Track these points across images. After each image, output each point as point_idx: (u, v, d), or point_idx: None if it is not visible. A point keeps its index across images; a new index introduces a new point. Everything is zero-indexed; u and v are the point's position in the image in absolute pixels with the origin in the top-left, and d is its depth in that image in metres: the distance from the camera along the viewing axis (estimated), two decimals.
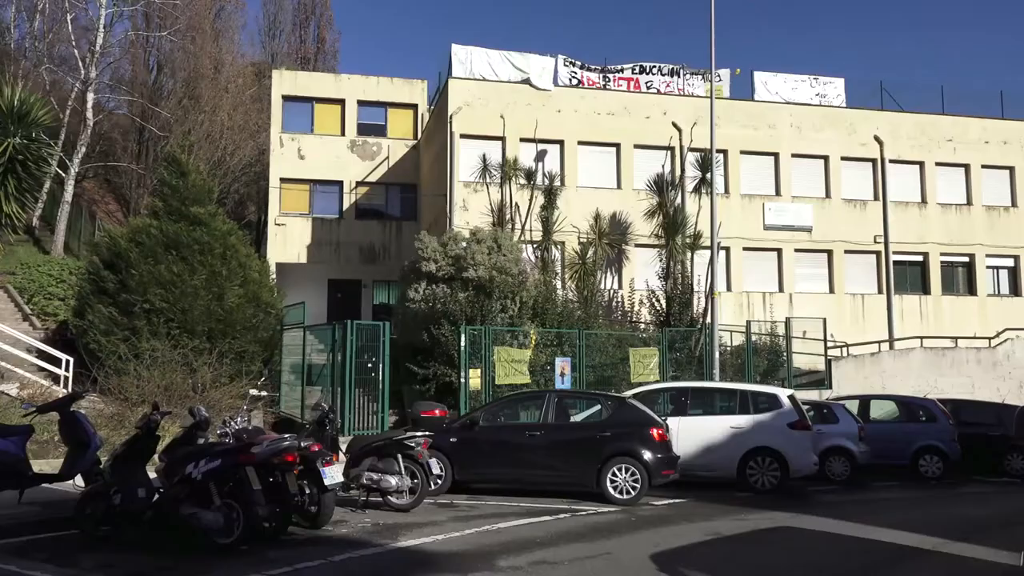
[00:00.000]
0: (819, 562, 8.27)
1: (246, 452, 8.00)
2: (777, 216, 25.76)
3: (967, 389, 22.58)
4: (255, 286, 18.47)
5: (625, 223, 23.85)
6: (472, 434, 12.11)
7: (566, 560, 7.75)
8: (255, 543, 7.87)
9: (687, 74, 26.80)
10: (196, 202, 18.27)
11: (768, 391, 14.22)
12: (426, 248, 18.77)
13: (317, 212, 28.50)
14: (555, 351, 17.65)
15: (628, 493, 11.36)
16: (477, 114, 23.63)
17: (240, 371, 16.95)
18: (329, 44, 45.69)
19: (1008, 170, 28.14)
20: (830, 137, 26.58)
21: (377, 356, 15.38)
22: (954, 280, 27.58)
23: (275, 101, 28.89)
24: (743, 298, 25.01)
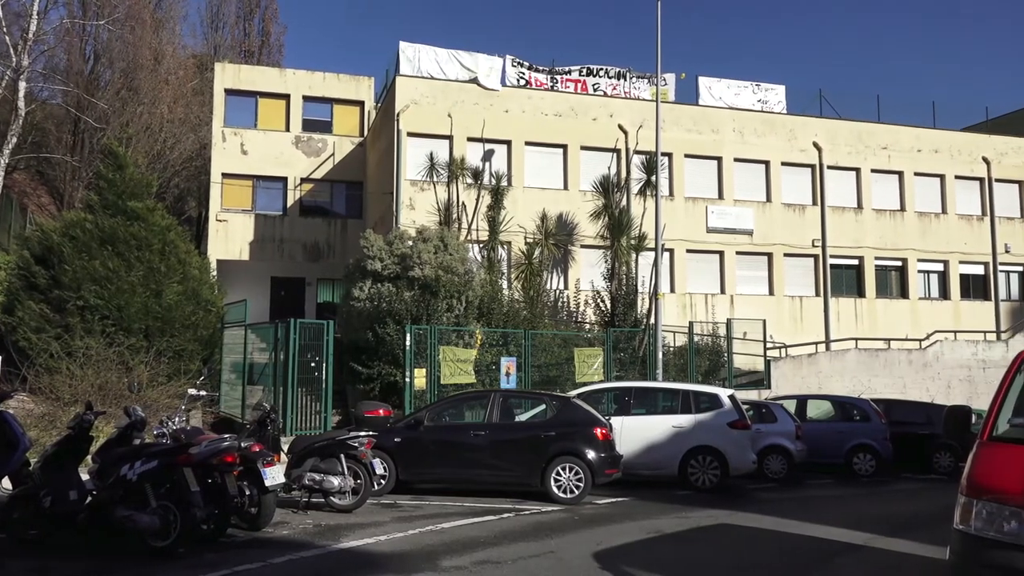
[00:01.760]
0: (758, 559, 8.45)
1: (184, 453, 7.83)
2: (720, 219, 26.25)
3: (899, 389, 23.38)
4: (195, 283, 18.08)
5: (571, 224, 24.02)
6: (416, 434, 12.06)
7: (509, 559, 7.77)
8: (193, 545, 7.70)
9: (633, 77, 27.12)
10: (134, 196, 17.79)
11: (709, 391, 14.48)
12: (372, 246, 18.62)
13: (260, 208, 28.02)
14: (501, 351, 17.69)
15: (572, 492, 11.44)
16: (424, 112, 23.53)
17: (178, 370, 16.56)
18: (274, 38, 44.97)
19: (939, 178, 29.16)
20: (771, 143, 27.18)
21: (321, 355, 15.21)
22: (887, 284, 28.47)
23: (217, 94, 28.31)
24: (686, 299, 25.41)
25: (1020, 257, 29.73)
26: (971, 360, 25.44)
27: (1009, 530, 4.87)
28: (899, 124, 29.10)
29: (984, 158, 29.57)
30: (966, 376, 25.00)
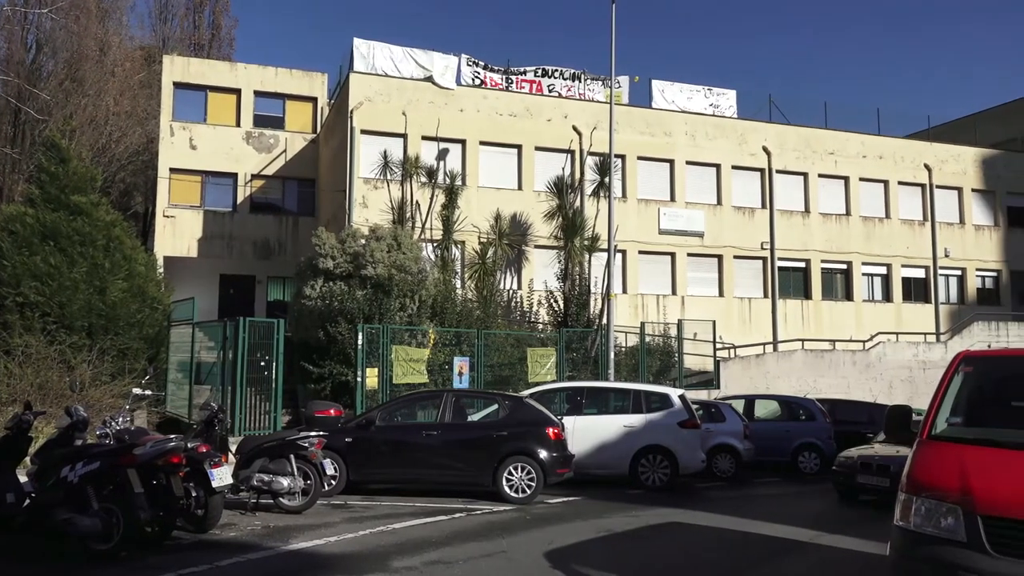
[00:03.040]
0: (707, 556, 8.57)
1: (127, 453, 7.65)
2: (671, 221, 26.57)
3: (843, 389, 23.94)
4: (141, 280, 17.70)
5: (525, 224, 24.08)
6: (368, 434, 11.97)
7: (461, 560, 7.76)
8: (136, 549, 7.53)
9: (588, 79, 27.30)
10: (77, 190, 17.34)
11: (660, 391, 14.63)
12: (324, 244, 18.43)
13: (209, 205, 27.49)
14: (454, 350, 17.65)
15: (524, 492, 11.47)
16: (378, 110, 23.36)
17: (123, 369, 16.19)
18: (225, 31, 44.04)
19: (883, 183, 29.94)
20: (722, 146, 27.60)
21: (271, 354, 15.02)
22: (833, 286, 29.13)
23: (165, 87, 27.72)
24: (638, 300, 25.66)
25: (959, 262, 30.70)
26: (912, 361, 26.17)
27: (946, 526, 5.01)
28: (846, 131, 29.80)
29: (926, 165, 30.46)
30: (907, 376, 25.71)
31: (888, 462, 12.06)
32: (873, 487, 12.24)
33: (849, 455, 13.07)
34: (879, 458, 12.41)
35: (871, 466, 12.32)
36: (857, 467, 12.54)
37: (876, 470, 12.18)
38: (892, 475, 11.50)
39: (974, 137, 33.20)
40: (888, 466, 11.93)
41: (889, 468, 11.81)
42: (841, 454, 13.42)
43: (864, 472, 12.41)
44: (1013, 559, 4.75)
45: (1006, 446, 5.38)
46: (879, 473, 12.10)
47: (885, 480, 11.83)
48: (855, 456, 12.88)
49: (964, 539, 4.91)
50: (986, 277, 31.54)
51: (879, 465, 12.21)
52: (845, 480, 12.79)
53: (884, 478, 11.87)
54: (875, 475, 12.16)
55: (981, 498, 4.95)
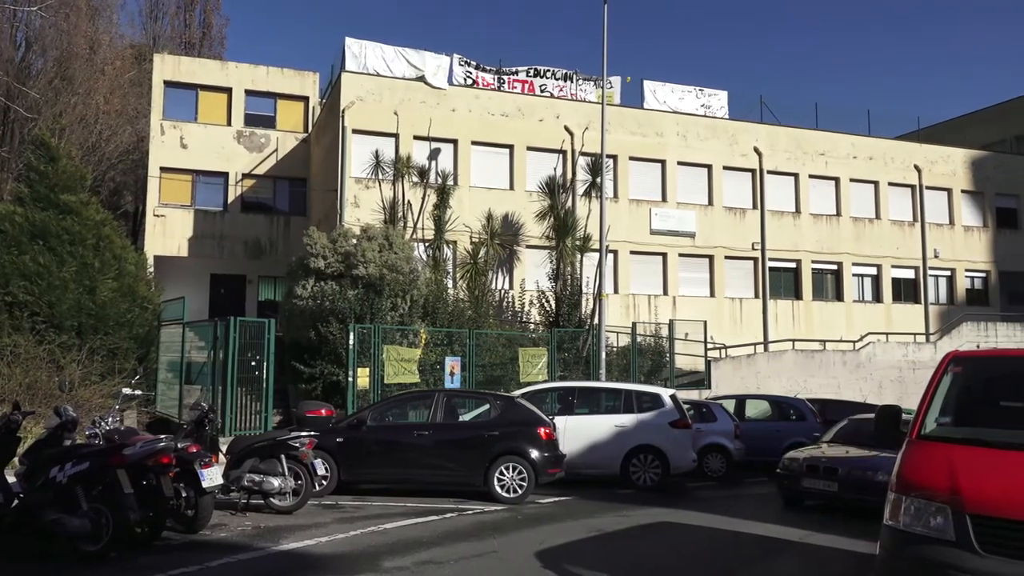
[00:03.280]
0: (698, 556, 8.59)
1: (117, 454, 7.62)
2: (663, 221, 26.62)
3: (833, 389, 24.01)
4: (131, 279, 17.61)
5: (517, 224, 24.08)
6: (359, 434, 11.94)
7: (452, 560, 7.75)
8: (126, 549, 7.49)
9: (580, 79, 27.33)
10: (67, 189, 17.23)
11: (651, 391, 14.65)
12: (315, 244, 18.39)
13: (200, 204, 27.40)
14: (445, 350, 17.63)
15: (515, 492, 11.47)
16: (370, 109, 23.32)
17: (113, 369, 16.10)
18: (216, 30, 43.88)
19: (873, 184, 30.07)
20: (713, 147, 27.67)
21: (261, 354, 14.96)
22: (823, 286, 29.25)
23: (156, 86, 27.61)
24: (629, 300, 25.70)
25: (948, 262, 30.86)
26: (902, 361, 26.28)
27: (935, 525, 5.04)
28: (836, 132, 29.91)
29: (916, 166, 30.60)
30: (897, 376, 25.82)
31: (836, 465, 11.31)
32: (820, 492, 11.40)
33: (794, 457, 12.11)
34: (827, 460, 11.54)
35: (818, 469, 11.43)
36: (803, 470, 11.61)
37: (823, 473, 11.30)
38: (841, 479, 11.03)
39: (964, 138, 33.39)
40: (836, 469, 11.21)
41: (837, 471, 11.15)
42: (785, 456, 12.39)
43: (810, 476, 11.48)
44: (1001, 558, 4.78)
45: (995, 446, 5.42)
46: (826, 476, 11.25)
47: (833, 484, 11.13)
48: (801, 458, 11.91)
49: (953, 538, 4.94)
50: (975, 278, 31.72)
51: (827, 468, 11.33)
52: (790, 484, 11.88)
53: (832, 482, 11.14)
54: (822, 479, 11.28)
55: (970, 497, 4.98)
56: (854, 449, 11.87)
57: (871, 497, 10.01)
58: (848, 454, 11.63)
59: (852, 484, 10.91)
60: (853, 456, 11.53)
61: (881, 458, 10.96)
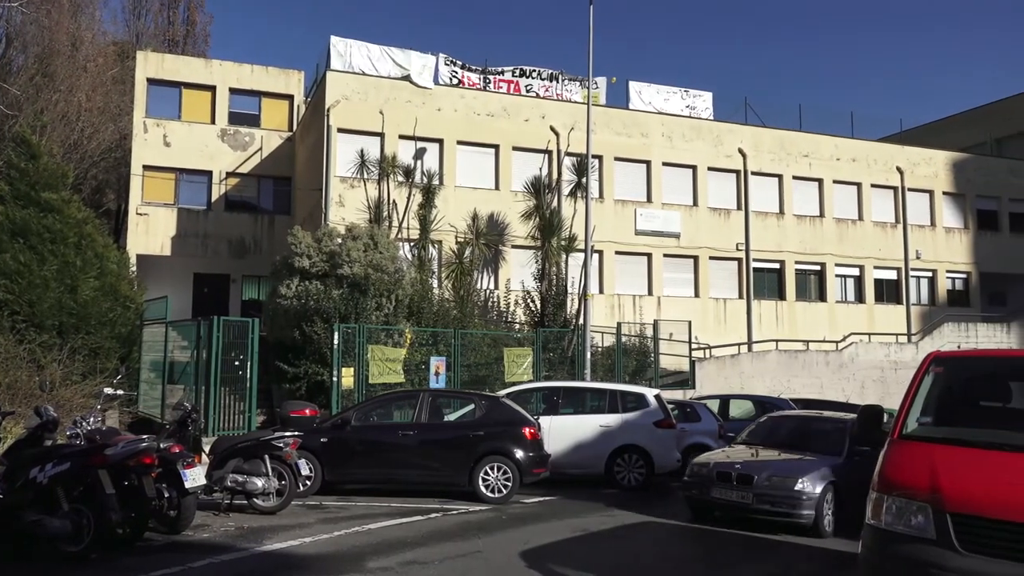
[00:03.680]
0: (683, 556, 8.62)
1: (98, 454, 7.56)
2: (648, 222, 26.71)
3: (816, 389, 24.18)
4: (113, 278, 17.47)
5: (502, 224, 24.08)
6: (343, 434, 11.90)
7: (436, 560, 7.74)
8: (108, 550, 7.44)
9: (565, 80, 27.37)
10: (48, 187, 17.07)
11: (636, 391, 14.68)
12: (299, 243, 18.31)
13: (183, 202, 27.22)
14: (430, 350, 17.61)
15: (500, 492, 11.46)
16: (355, 108, 23.25)
17: (94, 368, 15.98)
18: (200, 27, 43.56)
19: (856, 186, 30.30)
20: (698, 148, 27.78)
21: (245, 354, 14.89)
22: (807, 287, 29.43)
23: (139, 84, 27.41)
24: (614, 300, 25.76)
25: (930, 263, 31.14)
26: (884, 361, 26.50)
27: (916, 524, 5.09)
28: (819, 133, 30.12)
29: (898, 168, 30.86)
30: (879, 376, 26.03)
31: (752, 471, 9.87)
32: (732, 504, 9.89)
33: (703, 462, 10.60)
34: (740, 466, 10.04)
35: (730, 476, 9.93)
36: (713, 478, 10.11)
37: (736, 481, 9.86)
38: (756, 489, 9.64)
39: (945, 141, 33.70)
40: (751, 477, 9.78)
41: (752, 479, 9.74)
42: (694, 460, 10.89)
43: (721, 484, 9.99)
44: (981, 556, 4.83)
45: (975, 445, 5.47)
46: (740, 485, 9.81)
47: (747, 494, 9.69)
48: (711, 463, 10.40)
49: (934, 537, 4.99)
50: (956, 279, 32.03)
51: (740, 475, 9.87)
52: (698, 494, 10.34)
53: (746, 492, 9.71)
54: (735, 488, 9.84)
55: (950, 496, 5.02)
56: (774, 452, 10.72)
57: (790, 510, 9.44)
58: (760, 458, 10.44)
59: (769, 495, 9.60)
60: (772, 460, 10.30)
61: (805, 462, 10.07)
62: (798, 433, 11.33)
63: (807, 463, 10.00)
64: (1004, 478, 5.06)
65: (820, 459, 10.17)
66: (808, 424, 11.75)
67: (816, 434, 11.11)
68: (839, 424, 11.10)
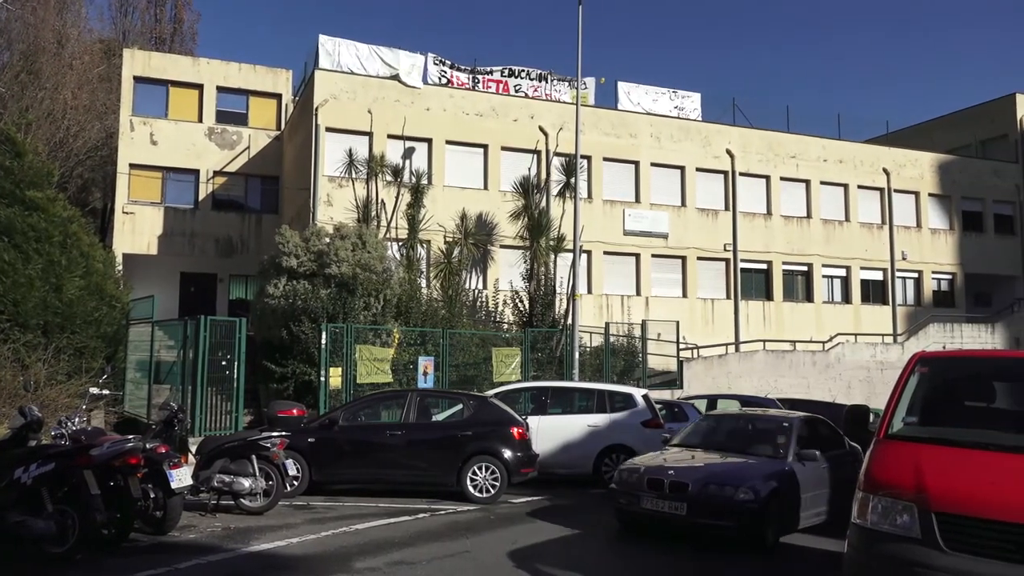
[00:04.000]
0: (672, 556, 8.62)
1: (83, 454, 7.51)
2: (636, 222, 26.77)
3: (803, 389, 24.31)
4: (99, 277, 17.33)
5: (491, 224, 24.07)
6: (331, 434, 11.86)
7: (424, 560, 7.73)
8: (93, 551, 7.39)
9: (554, 80, 27.39)
10: (33, 185, 16.92)
11: (624, 391, 14.71)
12: (287, 243, 18.25)
13: (170, 201, 27.08)
14: (418, 350, 17.58)
15: (488, 492, 11.46)
16: (344, 107, 23.19)
17: (79, 368, 15.85)
18: (187, 25, 43.35)
19: (843, 187, 30.48)
20: (687, 148, 27.87)
21: (232, 353, 14.82)
22: (794, 288, 29.58)
23: (126, 82, 27.24)
24: (603, 300, 25.80)
25: (916, 264, 31.36)
26: (870, 361, 26.67)
27: (901, 523, 5.12)
28: (807, 135, 30.27)
29: (884, 169, 31.05)
30: (865, 376, 26.19)
31: (686, 479, 8.76)
32: (664, 516, 8.78)
33: (632, 467, 9.45)
34: (675, 473, 8.95)
35: (662, 485, 8.81)
36: (643, 486, 8.97)
37: (670, 490, 8.74)
38: (692, 498, 8.55)
39: (931, 143, 33.94)
40: (686, 485, 8.66)
41: (687, 488, 8.63)
42: (623, 466, 9.76)
43: (652, 492, 8.85)
44: (965, 555, 4.86)
45: (960, 445, 5.51)
46: (673, 495, 8.69)
47: (681, 505, 8.60)
48: (641, 469, 9.26)
49: (919, 536, 5.02)
50: (941, 280, 32.27)
51: (674, 483, 8.76)
52: (627, 504, 9.19)
53: (680, 502, 8.62)
54: (668, 498, 8.72)
55: (935, 496, 5.06)
56: (712, 455, 9.69)
57: (729, 523, 8.48)
58: (703, 462, 9.39)
59: (706, 504, 8.55)
60: (709, 465, 9.25)
61: (747, 466, 9.16)
62: (739, 434, 10.42)
63: (749, 467, 9.13)
64: (988, 477, 5.10)
65: (763, 463, 9.33)
66: (750, 424, 10.77)
67: (759, 435, 10.19)
68: (784, 423, 10.15)
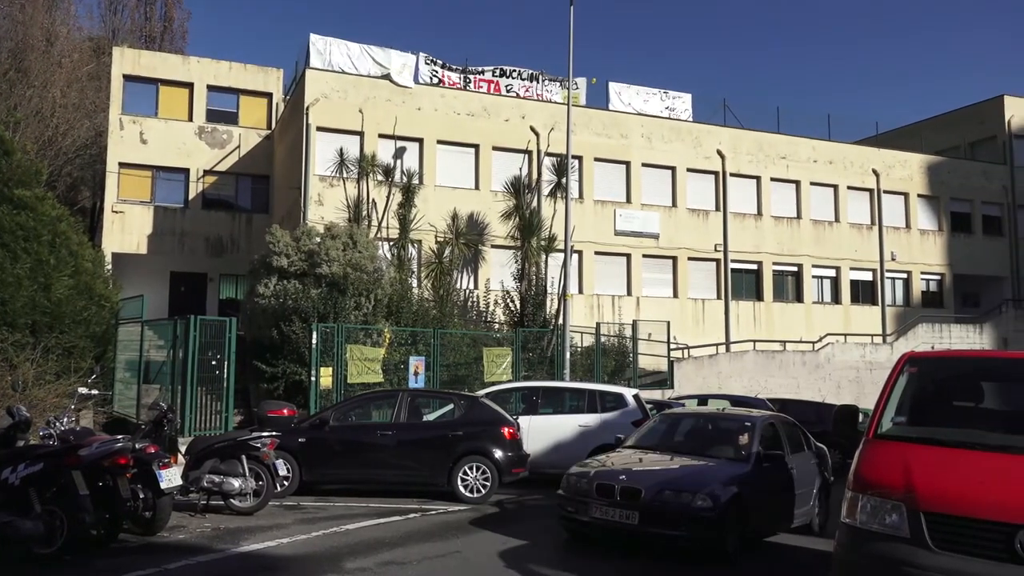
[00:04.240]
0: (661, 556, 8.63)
1: (72, 455, 7.47)
2: (627, 222, 26.81)
3: (793, 389, 24.43)
4: (88, 277, 17.24)
5: (482, 224, 24.07)
6: (322, 434, 11.84)
7: (415, 560, 7.72)
8: (81, 552, 7.34)
9: (546, 80, 27.40)
10: (21, 184, 16.81)
11: (615, 391, 14.73)
12: (278, 242, 18.20)
13: (160, 200, 26.97)
14: (409, 350, 17.56)
15: (479, 492, 11.46)
16: (335, 107, 23.14)
17: (68, 368, 15.75)
18: (177, 24, 43.17)
19: (832, 188, 30.60)
20: (677, 149, 27.93)
21: (222, 353, 14.77)
22: (784, 288, 29.68)
23: (115, 80, 27.10)
24: (594, 300, 25.82)
25: (905, 265, 31.52)
26: (859, 362, 26.80)
27: (890, 522, 5.14)
28: (797, 136, 30.37)
29: (874, 170, 31.20)
30: (855, 377, 26.32)
31: (639, 484, 8.00)
32: (614, 526, 8.03)
33: (581, 471, 8.62)
34: (625, 477, 8.16)
35: (613, 491, 8.04)
36: (592, 492, 8.18)
37: (621, 497, 7.98)
38: (643, 506, 7.83)
39: (920, 144, 34.12)
40: (638, 491, 7.92)
41: (640, 495, 7.90)
42: (571, 470, 8.85)
43: (602, 500, 8.07)
44: (953, 554, 4.89)
45: (948, 445, 5.54)
46: (625, 502, 7.94)
47: (632, 514, 7.86)
48: (590, 473, 8.47)
49: (907, 535, 5.04)
50: (930, 280, 32.44)
51: (625, 489, 7.99)
52: (575, 512, 8.37)
53: (631, 510, 7.88)
54: (620, 506, 7.96)
55: (924, 495, 5.08)
56: (668, 458, 9.02)
57: (685, 532, 7.73)
58: (657, 466, 8.64)
59: (660, 513, 7.81)
60: (665, 469, 8.53)
61: (706, 470, 8.49)
62: (699, 435, 9.85)
63: (708, 471, 8.45)
64: (975, 477, 5.14)
65: (723, 466, 8.67)
66: (710, 424, 10.15)
67: (720, 436, 9.56)
68: (747, 423, 9.40)
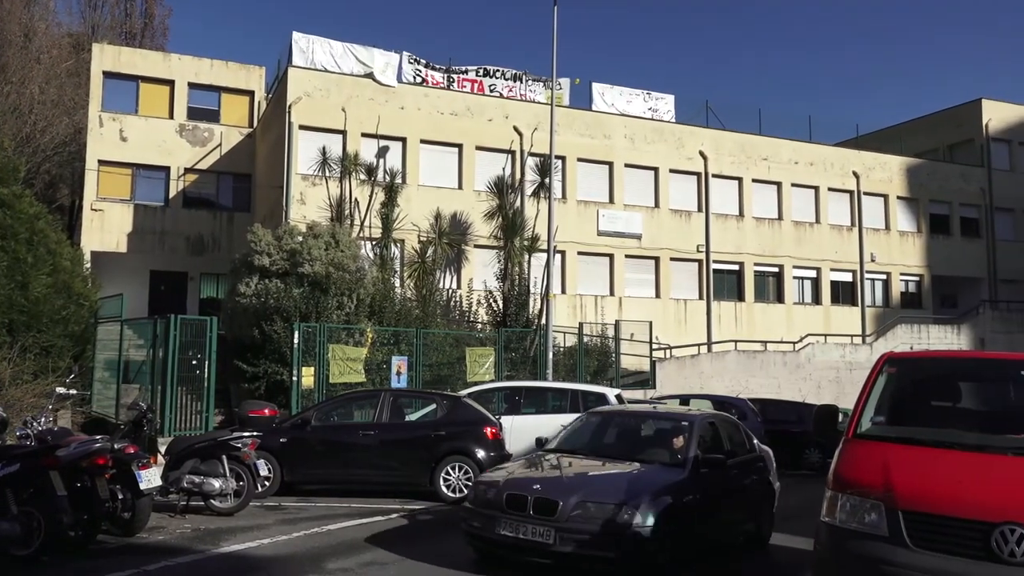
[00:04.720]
0: None
1: (49, 455, 7.39)
2: (610, 223, 26.88)
3: (774, 389, 24.58)
4: (66, 275, 17.05)
5: (465, 223, 24.04)
6: (303, 434, 11.79)
7: (396, 560, 7.71)
8: (59, 554, 7.27)
9: (529, 80, 27.42)
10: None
11: (597, 391, 14.76)
12: (259, 241, 18.10)
13: (140, 198, 26.73)
14: (392, 350, 17.52)
15: (461, 491, 11.41)
16: (318, 105, 23.03)
17: (46, 367, 15.56)
18: (158, 20, 42.78)
19: (813, 189, 30.83)
20: (660, 150, 28.03)
21: (203, 353, 14.67)
22: (765, 289, 29.87)
23: (95, 77, 26.83)
24: (576, 300, 25.87)
25: (884, 266, 31.82)
26: (839, 362, 27.01)
27: (869, 521, 5.19)
28: (779, 137, 30.58)
29: (854, 172, 31.47)
30: (835, 377, 26.52)
31: (555, 496, 6.87)
32: (526, 545, 6.83)
33: (490, 480, 7.53)
34: (541, 488, 7.04)
35: (525, 503, 6.90)
36: (502, 504, 7.01)
37: (535, 511, 6.83)
38: (561, 520, 6.69)
39: (900, 147, 34.46)
40: (555, 504, 6.78)
41: (557, 507, 6.76)
42: (480, 478, 8.10)
43: (513, 514, 6.92)
44: (931, 552, 4.94)
45: (926, 444, 5.60)
46: (539, 518, 6.79)
47: (548, 531, 6.69)
48: (500, 482, 7.30)
49: (886, 534, 5.08)
50: (909, 281, 32.77)
51: (540, 501, 6.85)
52: (481, 528, 7.20)
53: (547, 527, 6.71)
54: (534, 521, 6.79)
55: (902, 494, 5.13)
56: (594, 463, 7.77)
57: (611, 553, 6.59)
58: (580, 473, 7.59)
59: (580, 530, 6.66)
60: (588, 477, 7.46)
61: (635, 478, 7.22)
62: (630, 436, 8.69)
63: (638, 479, 7.19)
64: (953, 476, 5.19)
65: (656, 472, 7.45)
66: (643, 424, 8.97)
67: (654, 437, 8.52)
68: (684, 423, 8.23)
